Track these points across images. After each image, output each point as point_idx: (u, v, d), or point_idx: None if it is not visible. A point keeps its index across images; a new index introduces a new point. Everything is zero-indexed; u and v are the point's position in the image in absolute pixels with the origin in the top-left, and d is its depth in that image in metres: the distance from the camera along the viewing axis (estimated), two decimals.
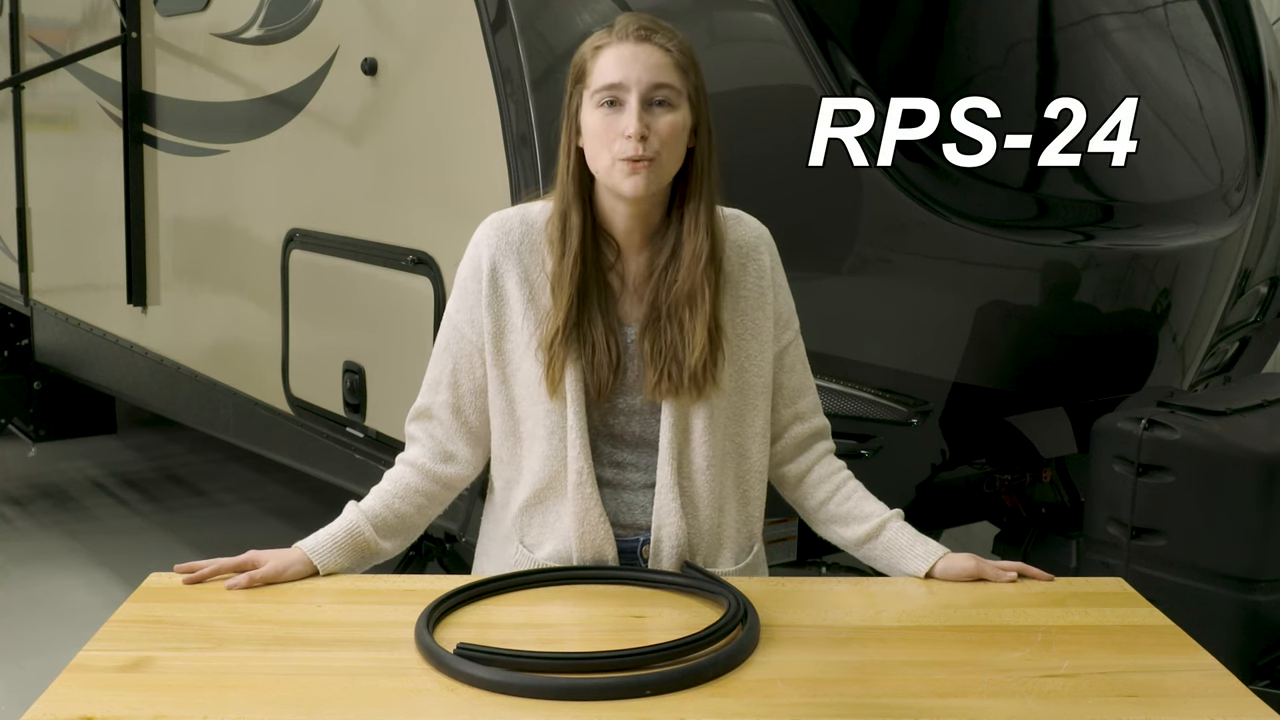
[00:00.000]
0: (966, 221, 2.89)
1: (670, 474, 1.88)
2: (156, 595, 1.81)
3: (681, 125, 1.81)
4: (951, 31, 3.17)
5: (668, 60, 1.80)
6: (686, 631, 1.61)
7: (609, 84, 1.79)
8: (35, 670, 3.96)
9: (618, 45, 1.81)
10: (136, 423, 7.10)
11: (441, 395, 1.96)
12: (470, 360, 1.94)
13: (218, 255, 4.08)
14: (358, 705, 1.46)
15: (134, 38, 4.34)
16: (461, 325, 1.94)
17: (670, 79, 1.80)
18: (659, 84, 1.79)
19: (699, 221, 1.85)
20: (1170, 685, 1.55)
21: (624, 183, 1.80)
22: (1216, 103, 3.51)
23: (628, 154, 1.77)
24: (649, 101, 1.79)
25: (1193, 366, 3.57)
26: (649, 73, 1.79)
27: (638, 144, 1.77)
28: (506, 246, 1.90)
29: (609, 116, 1.79)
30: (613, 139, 1.79)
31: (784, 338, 1.97)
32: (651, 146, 1.78)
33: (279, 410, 3.67)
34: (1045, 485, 3.35)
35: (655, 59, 1.80)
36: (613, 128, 1.79)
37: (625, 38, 1.81)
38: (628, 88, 1.78)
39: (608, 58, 1.80)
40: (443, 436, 1.97)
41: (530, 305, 1.89)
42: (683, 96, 1.81)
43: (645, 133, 1.77)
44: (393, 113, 3.16)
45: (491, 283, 1.90)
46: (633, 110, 1.77)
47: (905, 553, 1.94)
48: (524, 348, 1.89)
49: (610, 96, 1.79)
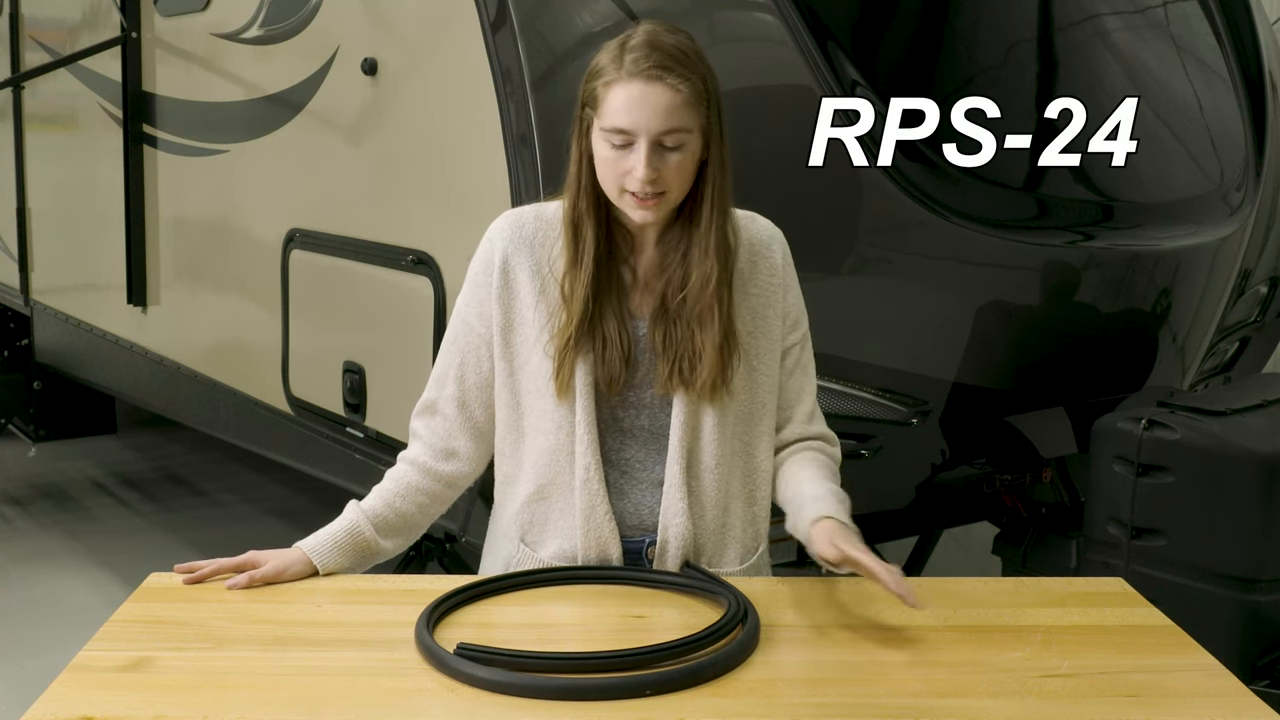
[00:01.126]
0: (966, 221, 2.89)
1: (679, 472, 1.88)
2: (156, 595, 1.81)
3: (690, 159, 1.80)
4: (951, 31, 3.17)
5: (678, 100, 1.76)
6: (687, 632, 1.61)
7: (618, 128, 1.76)
8: (35, 670, 3.95)
9: (628, 84, 1.76)
10: (136, 423, 7.10)
11: (448, 389, 1.96)
12: (477, 354, 1.94)
13: (218, 255, 4.08)
14: (358, 705, 1.47)
15: (134, 38, 4.34)
16: (470, 319, 1.94)
17: (681, 121, 1.77)
18: (668, 130, 1.76)
19: (709, 246, 1.83)
20: (1170, 685, 1.56)
21: (633, 213, 1.81)
22: (1216, 103, 3.51)
23: (635, 190, 1.77)
24: (659, 145, 1.77)
25: (1193, 366, 3.57)
26: (658, 118, 1.75)
27: (646, 185, 1.76)
28: (519, 240, 1.91)
29: (618, 153, 1.78)
30: (622, 174, 1.78)
31: (790, 338, 1.97)
32: (660, 185, 1.78)
33: (279, 410, 3.67)
34: (1045, 485, 3.35)
35: (665, 101, 1.75)
36: (622, 164, 1.78)
37: (635, 75, 1.76)
38: (637, 134, 1.76)
39: (618, 96, 1.76)
40: (445, 432, 1.97)
41: (541, 298, 1.89)
42: (694, 131, 1.79)
43: (654, 176, 1.76)
44: (393, 113, 3.16)
45: (503, 275, 1.91)
46: (642, 155, 1.75)
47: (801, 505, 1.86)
48: (533, 341, 1.90)
49: (621, 140, 1.77)
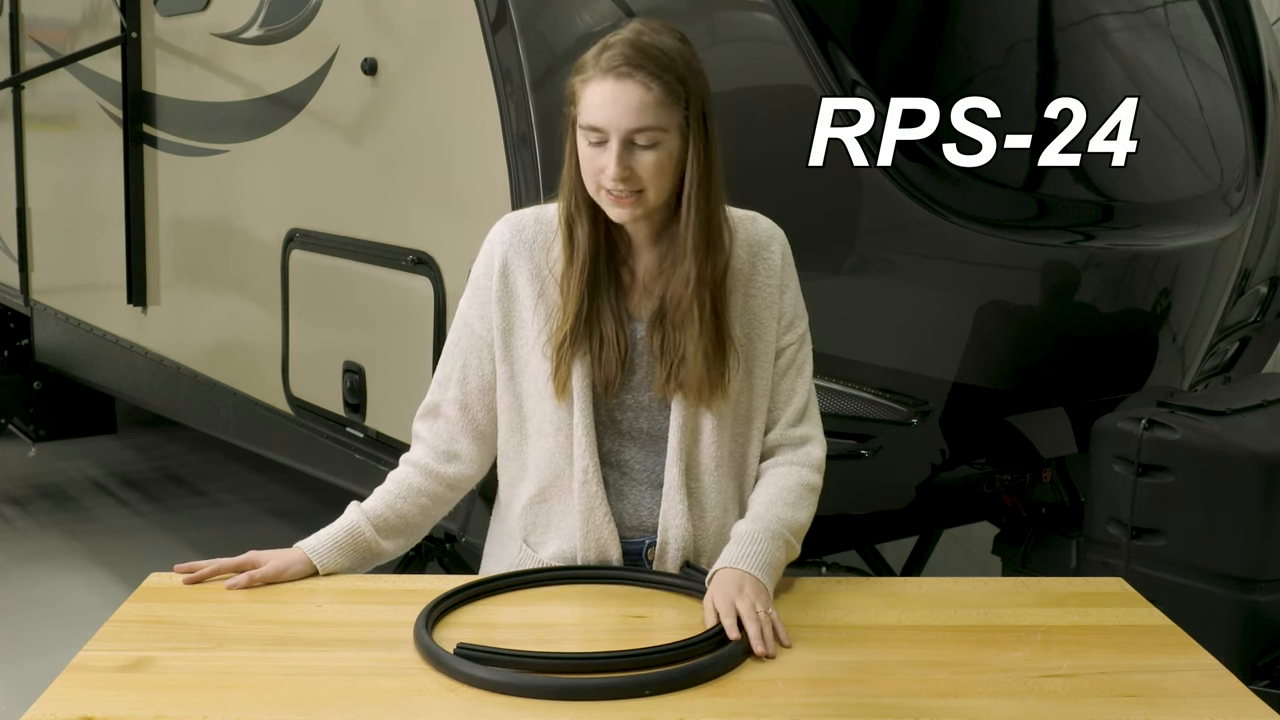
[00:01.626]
0: (966, 221, 2.88)
1: (678, 474, 1.88)
2: (156, 595, 1.81)
3: (666, 159, 1.79)
4: (951, 31, 3.17)
5: (649, 99, 1.75)
6: (687, 632, 1.61)
7: (592, 125, 1.78)
8: (35, 670, 3.95)
9: (600, 82, 1.77)
10: (136, 423, 7.10)
11: (450, 392, 1.97)
12: (479, 356, 1.94)
13: (218, 255, 4.08)
14: (358, 705, 1.47)
15: (134, 38, 4.34)
16: (472, 321, 1.95)
17: (651, 120, 1.76)
18: (638, 128, 1.76)
19: (688, 247, 1.83)
20: (1170, 685, 1.56)
21: (610, 210, 1.82)
22: (1216, 103, 3.51)
23: (609, 188, 1.78)
24: (630, 143, 1.77)
25: (1193, 366, 3.56)
26: (628, 116, 1.75)
27: (619, 183, 1.77)
28: (519, 243, 1.92)
29: (594, 150, 1.79)
30: (598, 171, 1.79)
31: (785, 338, 1.96)
32: (635, 184, 1.78)
33: (279, 410, 3.67)
34: (1045, 485, 3.35)
35: (635, 100, 1.75)
36: (597, 161, 1.79)
37: (608, 73, 1.76)
38: (609, 131, 1.77)
39: (593, 94, 1.77)
40: (448, 435, 1.97)
41: (540, 301, 1.90)
42: (669, 131, 1.78)
43: (626, 174, 1.77)
44: (393, 113, 3.16)
45: (502, 278, 1.91)
46: (612, 153, 1.76)
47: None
48: (532, 343, 1.90)
49: (595, 138, 1.78)
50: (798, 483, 1.93)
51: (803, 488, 1.93)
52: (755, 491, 1.94)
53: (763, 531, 1.82)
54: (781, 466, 1.95)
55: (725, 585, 1.71)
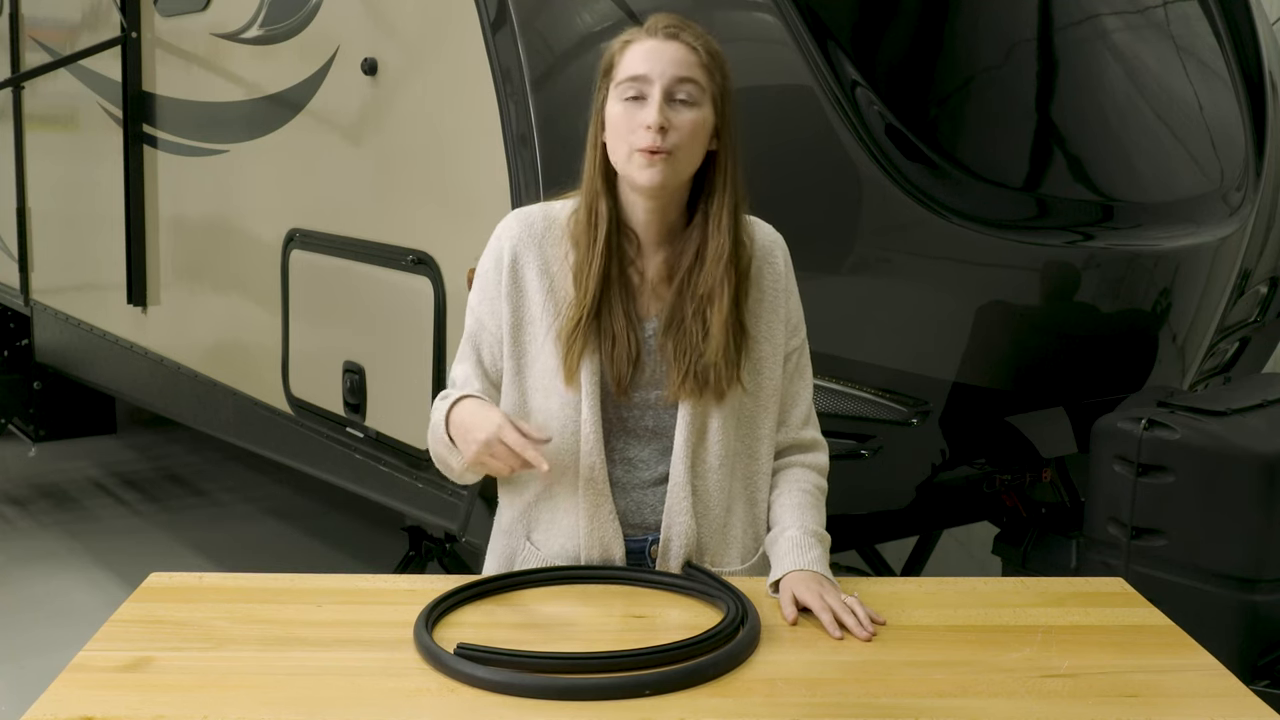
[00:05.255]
0: (966, 221, 2.89)
1: (684, 472, 1.89)
2: (156, 595, 1.81)
3: (702, 123, 1.83)
4: (951, 31, 3.17)
5: (694, 58, 1.83)
6: (688, 632, 1.61)
7: (633, 75, 1.82)
8: (35, 670, 3.95)
9: (646, 40, 1.84)
10: (136, 423, 7.10)
11: (475, 385, 1.95)
12: (492, 351, 1.95)
13: (218, 255, 4.08)
14: (358, 705, 1.47)
15: (134, 38, 4.34)
16: (483, 316, 1.95)
17: (695, 75, 1.82)
18: (682, 78, 1.81)
19: (721, 224, 1.86)
20: (1170, 685, 1.56)
21: (640, 174, 1.82)
22: (1216, 103, 3.52)
23: (645, 145, 1.79)
24: (671, 96, 1.81)
25: (1193, 366, 3.57)
26: (674, 66, 1.81)
27: (656, 135, 1.79)
28: (528, 238, 1.92)
29: (631, 108, 1.82)
30: (633, 129, 1.81)
31: (791, 342, 1.98)
32: (670, 140, 1.80)
33: (279, 410, 3.67)
34: (1045, 485, 3.35)
35: (681, 55, 1.83)
36: (634, 118, 1.81)
37: (654, 34, 1.84)
38: (651, 80, 1.81)
39: (635, 52, 1.84)
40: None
41: (549, 296, 1.90)
42: (706, 95, 1.84)
43: (665, 125, 1.79)
44: (393, 113, 3.16)
45: (511, 273, 1.91)
46: (655, 102, 1.80)
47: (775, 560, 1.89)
48: (541, 339, 1.90)
49: (634, 90, 1.82)
50: (814, 486, 2.00)
51: (818, 490, 2.00)
52: (777, 495, 1.98)
53: (811, 536, 1.90)
54: (795, 469, 2.00)
55: (807, 585, 1.78)
